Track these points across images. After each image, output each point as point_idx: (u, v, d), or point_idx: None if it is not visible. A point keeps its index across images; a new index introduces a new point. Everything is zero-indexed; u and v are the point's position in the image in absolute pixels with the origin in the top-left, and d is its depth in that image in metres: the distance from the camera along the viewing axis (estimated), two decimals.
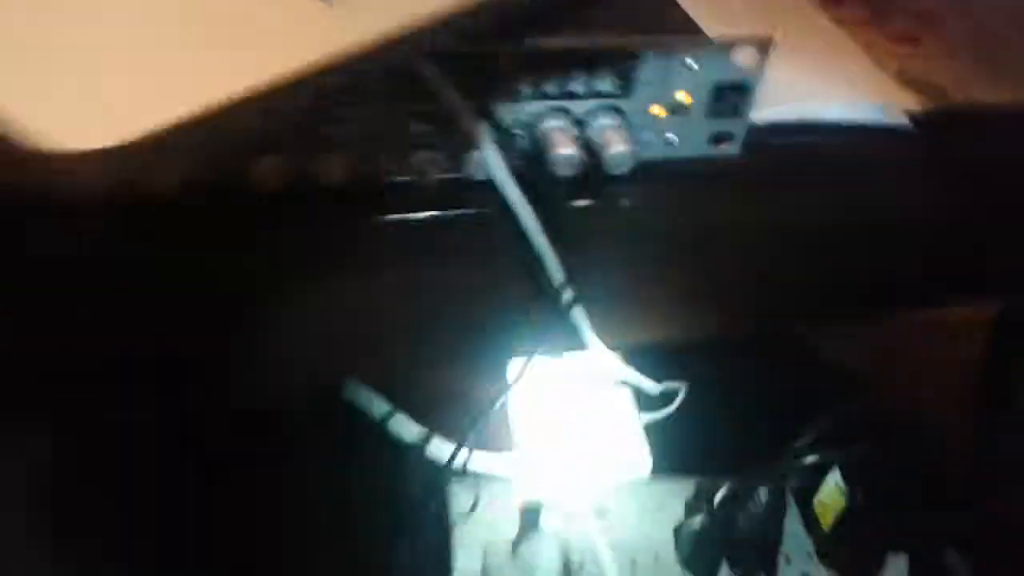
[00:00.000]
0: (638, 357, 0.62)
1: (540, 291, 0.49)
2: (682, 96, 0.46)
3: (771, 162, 0.50)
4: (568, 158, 0.43)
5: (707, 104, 0.46)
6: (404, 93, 0.41)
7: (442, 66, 0.40)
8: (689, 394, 0.69)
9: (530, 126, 0.44)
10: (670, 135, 0.47)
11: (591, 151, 0.44)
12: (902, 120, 0.53)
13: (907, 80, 0.56)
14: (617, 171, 0.44)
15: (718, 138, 0.48)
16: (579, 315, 0.49)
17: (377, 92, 0.41)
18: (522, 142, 0.44)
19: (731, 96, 0.46)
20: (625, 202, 0.46)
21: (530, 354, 0.51)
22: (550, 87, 0.43)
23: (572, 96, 0.44)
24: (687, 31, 0.45)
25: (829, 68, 0.55)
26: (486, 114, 0.42)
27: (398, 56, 0.37)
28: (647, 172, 0.46)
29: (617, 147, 0.43)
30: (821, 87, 0.53)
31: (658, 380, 0.66)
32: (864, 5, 0.64)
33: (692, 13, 0.47)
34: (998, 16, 0.66)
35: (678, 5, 0.48)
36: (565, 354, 0.55)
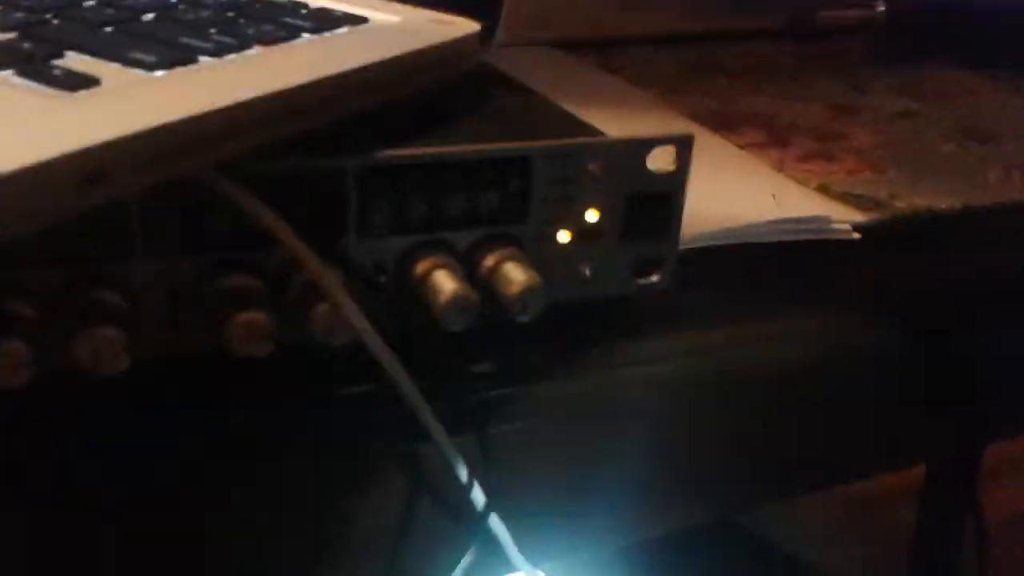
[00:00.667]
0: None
1: (439, 499, 0.35)
2: (591, 215, 0.35)
3: (709, 295, 0.39)
4: (459, 304, 0.30)
5: (623, 223, 0.35)
6: (206, 231, 0.28)
7: (260, 190, 0.28)
8: None
9: (398, 267, 0.32)
10: (583, 268, 0.35)
11: (486, 294, 0.32)
12: (849, 234, 0.44)
13: (834, 196, 0.48)
14: (526, 317, 0.32)
15: (642, 268, 0.36)
16: (496, 526, 0.35)
17: (160, 230, 0.28)
18: (388, 290, 0.31)
19: (651, 210, 0.36)
20: (536, 360, 0.34)
21: None
22: (418, 213, 0.31)
23: (449, 224, 0.32)
24: (585, 133, 0.35)
25: (750, 188, 0.46)
26: (331, 255, 0.30)
27: (174, 169, 0.24)
28: (559, 318, 0.35)
29: (523, 284, 0.31)
30: (748, 208, 0.44)
31: None
32: (760, 130, 0.57)
33: None
34: (900, 127, 0.59)
35: (564, 109, 0.38)
36: None
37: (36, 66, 0.26)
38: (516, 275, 0.32)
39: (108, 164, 0.22)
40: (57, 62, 0.27)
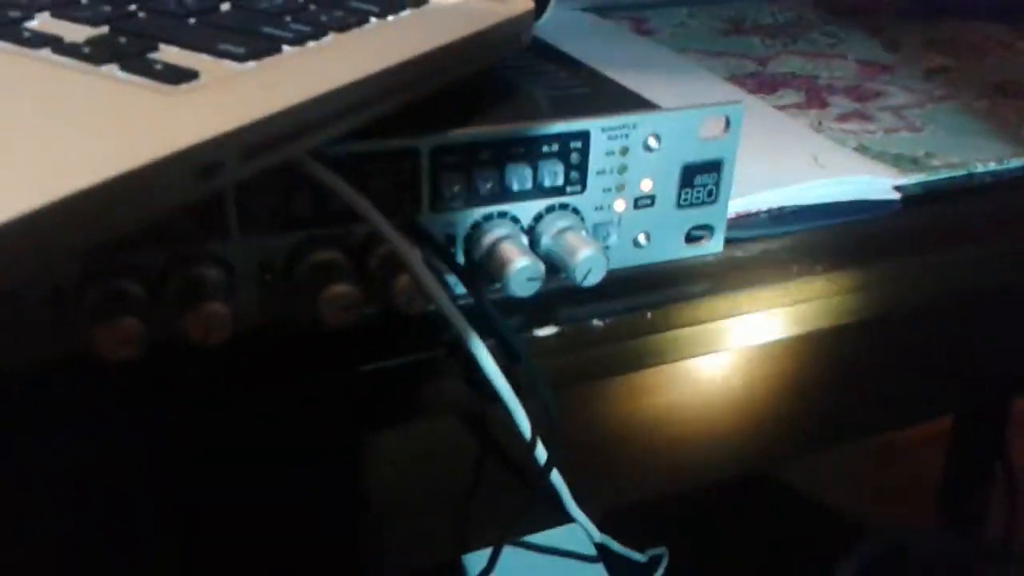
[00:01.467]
0: (612, 522, 0.51)
1: (504, 456, 0.37)
2: (647, 185, 0.36)
3: (758, 257, 0.40)
4: (526, 274, 0.32)
5: (676, 192, 0.37)
6: (295, 210, 0.31)
7: (341, 170, 0.30)
8: (674, 559, 0.58)
9: (468, 239, 0.34)
10: (639, 235, 0.37)
11: (550, 262, 0.34)
12: (891, 194, 0.45)
13: (873, 156, 0.49)
14: (588, 283, 0.34)
15: (695, 233, 0.38)
16: (557, 481, 0.37)
17: (255, 211, 0.30)
18: (458, 260, 0.33)
19: (703, 179, 0.37)
20: (598, 323, 0.36)
21: (496, 541, 0.39)
22: (486, 187, 0.33)
23: (514, 196, 0.34)
24: (639, 106, 0.37)
25: (792, 151, 0.48)
26: (408, 229, 0.32)
27: (278, 155, 0.26)
28: (617, 283, 0.37)
29: (584, 252, 0.33)
30: (789, 171, 0.45)
31: (639, 547, 0.54)
32: (797, 91, 0.58)
33: None
34: (935, 84, 0.60)
35: (615, 82, 0.40)
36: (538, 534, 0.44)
37: (137, 60, 0.28)
38: (577, 244, 0.34)
39: (221, 156, 0.24)
40: (154, 55, 0.29)
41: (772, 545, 0.71)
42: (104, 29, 0.31)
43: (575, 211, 0.35)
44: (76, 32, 0.29)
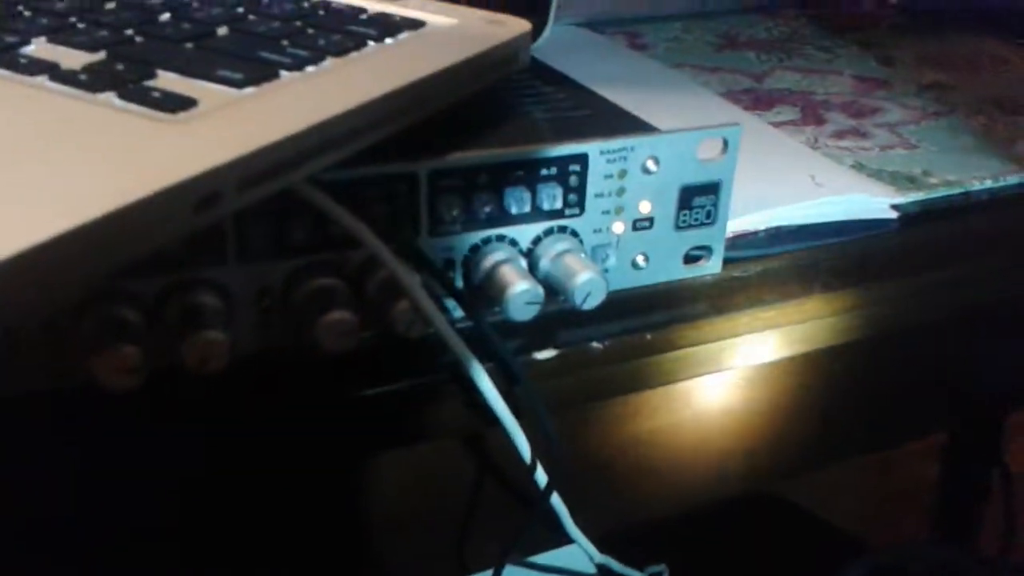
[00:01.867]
0: (612, 542, 0.51)
1: (505, 478, 0.37)
2: (645, 207, 0.36)
3: (756, 277, 0.40)
4: (525, 298, 0.32)
5: (674, 213, 0.37)
6: (293, 236, 0.30)
7: (339, 195, 0.30)
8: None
9: (466, 262, 0.34)
10: (637, 257, 0.37)
11: (549, 285, 0.34)
12: (888, 213, 0.45)
13: (869, 174, 0.49)
14: (587, 306, 0.34)
15: (693, 254, 0.38)
16: (557, 503, 0.37)
17: (253, 238, 0.30)
18: (457, 284, 0.33)
19: (701, 200, 0.37)
20: (597, 346, 0.35)
21: (497, 563, 0.39)
22: (484, 211, 0.33)
23: (512, 220, 0.34)
24: (637, 129, 0.37)
25: (788, 170, 0.48)
26: (406, 254, 0.32)
27: (277, 184, 0.26)
28: (616, 306, 0.37)
29: (584, 276, 0.33)
30: (786, 190, 0.45)
31: (639, 565, 0.54)
32: (793, 107, 0.58)
33: None
34: (931, 99, 0.60)
35: (613, 103, 0.40)
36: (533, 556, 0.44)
37: (134, 88, 0.28)
38: (576, 267, 0.34)
39: (220, 186, 0.23)
40: (151, 83, 0.28)
41: (772, 561, 0.71)
42: (102, 55, 0.30)
43: (574, 234, 0.35)
44: (73, 58, 0.29)
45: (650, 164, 0.35)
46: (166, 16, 0.35)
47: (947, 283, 0.45)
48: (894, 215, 0.45)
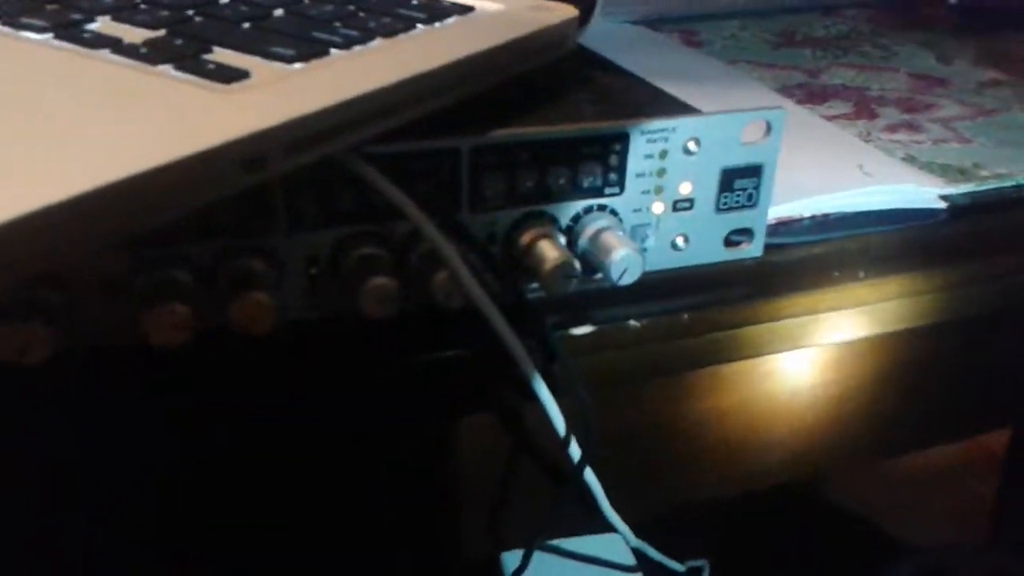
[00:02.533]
0: (650, 531, 0.51)
1: (539, 455, 0.38)
2: (685, 188, 0.37)
3: (799, 263, 0.41)
4: (561, 271, 0.33)
5: (715, 195, 0.37)
6: (340, 207, 0.32)
7: (385, 169, 0.31)
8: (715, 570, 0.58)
9: (506, 237, 0.34)
10: (677, 238, 0.37)
11: (587, 262, 0.35)
12: (937, 203, 0.45)
13: (920, 166, 0.49)
14: (623, 282, 0.34)
15: (734, 237, 0.39)
16: (592, 483, 0.38)
17: (303, 207, 0.31)
18: (496, 258, 0.34)
19: (743, 183, 0.38)
20: (634, 324, 0.36)
21: (529, 544, 0.40)
22: (525, 187, 0.34)
23: (553, 197, 0.35)
24: (679, 110, 0.37)
25: (836, 159, 0.48)
26: (448, 227, 0.33)
27: (321, 150, 0.27)
28: (654, 285, 0.37)
29: (620, 252, 0.34)
30: (834, 179, 0.45)
31: (679, 557, 0.54)
32: (847, 102, 0.58)
33: None
34: (986, 97, 0.60)
35: (657, 88, 0.40)
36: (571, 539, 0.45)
37: (191, 61, 0.29)
38: (613, 243, 0.35)
39: (266, 149, 0.25)
40: (207, 56, 0.30)
41: (815, 561, 0.70)
42: (161, 32, 0.32)
43: (613, 212, 0.36)
44: (135, 35, 0.31)
45: (691, 145, 0.36)
46: (226, 0, 0.36)
47: (996, 274, 0.44)
48: (943, 205, 0.45)
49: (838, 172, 0.46)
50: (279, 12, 0.35)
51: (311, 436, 0.34)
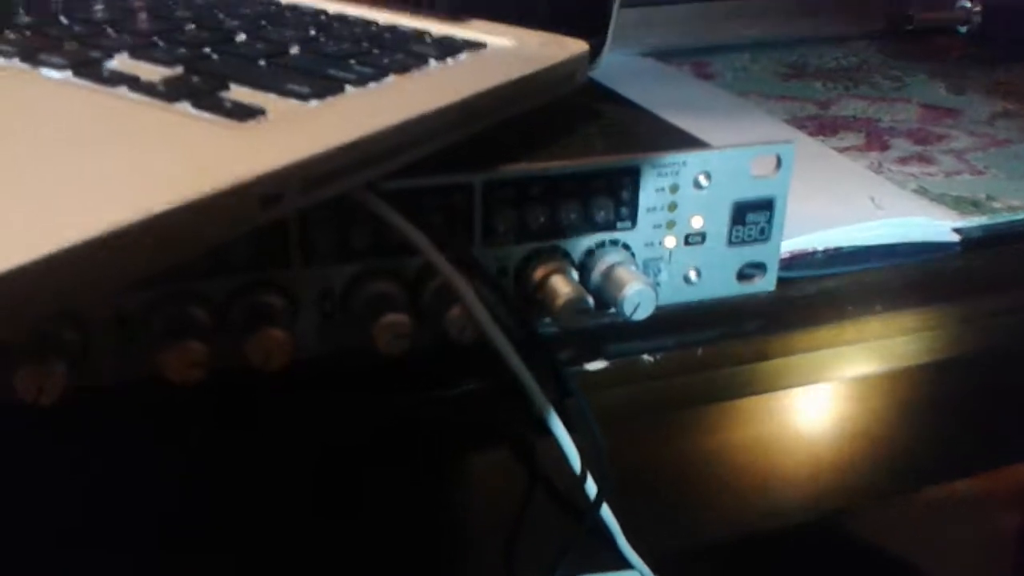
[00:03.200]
0: (669, 569, 0.51)
1: (555, 491, 0.38)
2: (697, 222, 0.37)
3: (812, 296, 0.41)
4: (574, 306, 0.33)
5: (727, 229, 0.37)
6: (354, 242, 0.32)
7: (397, 204, 0.31)
8: None
9: (519, 272, 0.35)
10: (689, 272, 0.38)
11: (599, 296, 0.35)
12: (950, 236, 0.45)
13: (932, 198, 0.49)
14: (637, 317, 0.34)
15: (747, 271, 0.39)
16: (608, 517, 0.38)
17: (317, 243, 0.31)
18: (509, 293, 0.34)
19: (754, 217, 0.38)
20: (648, 359, 0.36)
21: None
22: (537, 222, 0.34)
23: (565, 231, 0.35)
24: (690, 144, 0.37)
25: (849, 191, 0.48)
26: (461, 262, 0.33)
27: (337, 187, 0.27)
28: (667, 319, 0.37)
29: (633, 287, 0.34)
30: (846, 212, 0.45)
31: None
32: (858, 134, 0.58)
33: None
34: (998, 128, 0.60)
35: (668, 122, 0.41)
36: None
37: (207, 98, 0.29)
38: (626, 278, 0.35)
39: (282, 187, 0.25)
40: (224, 94, 0.30)
41: None
42: (179, 69, 0.32)
43: (625, 247, 0.36)
44: (153, 72, 0.31)
45: (702, 179, 0.36)
46: (242, 37, 0.37)
47: (1011, 308, 0.44)
48: (956, 238, 0.45)
49: (850, 205, 0.46)
50: (295, 50, 0.35)
51: (323, 473, 0.34)
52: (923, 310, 0.42)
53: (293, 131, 0.27)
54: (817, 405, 0.43)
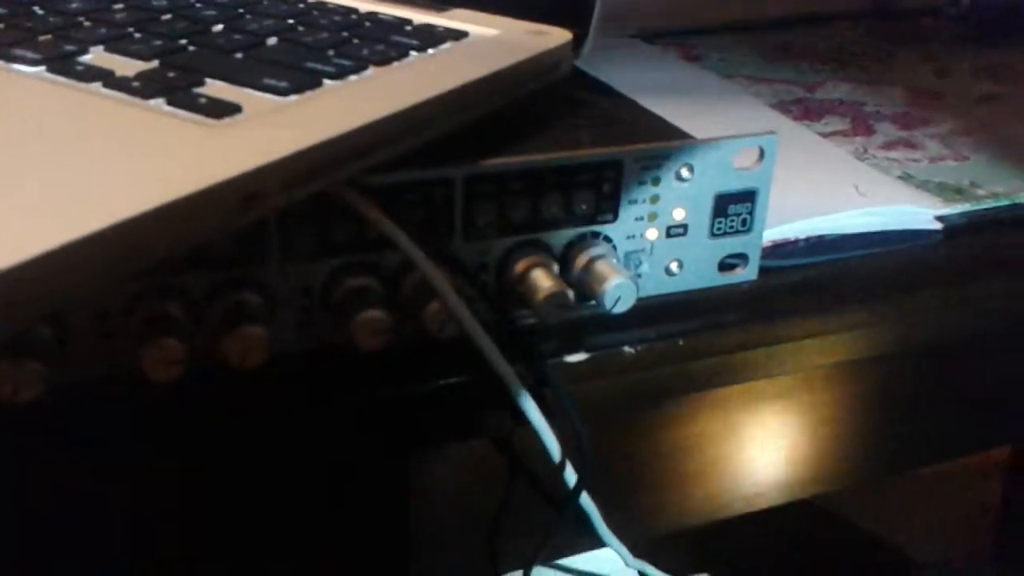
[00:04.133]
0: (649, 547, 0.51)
1: (536, 478, 0.38)
2: (679, 214, 0.37)
3: (794, 286, 0.41)
4: (555, 300, 0.33)
5: (709, 221, 0.37)
6: (333, 238, 0.32)
7: (377, 199, 0.31)
8: None
9: (500, 266, 0.34)
10: (671, 264, 0.37)
11: (580, 290, 0.35)
12: (932, 224, 0.45)
13: (917, 185, 0.49)
14: (617, 310, 0.34)
15: (729, 262, 0.39)
16: (587, 504, 0.38)
17: (296, 239, 0.31)
18: (490, 287, 0.34)
19: (736, 208, 0.38)
20: (629, 350, 0.36)
21: (527, 565, 0.40)
22: (518, 216, 0.34)
23: (546, 225, 0.35)
24: (672, 136, 0.37)
25: (833, 179, 0.48)
26: (440, 256, 0.33)
27: (316, 185, 0.27)
28: (649, 311, 0.37)
29: (614, 281, 0.34)
30: (829, 200, 0.45)
31: (680, 573, 0.54)
32: (842, 118, 0.58)
33: None
34: (984, 111, 0.60)
35: (651, 112, 0.40)
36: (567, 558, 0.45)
37: (183, 94, 0.29)
38: (607, 271, 0.35)
39: (260, 187, 0.25)
40: (199, 90, 0.30)
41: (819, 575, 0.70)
42: (155, 64, 0.32)
43: (607, 239, 0.36)
44: (128, 67, 0.31)
45: (684, 171, 0.36)
46: (219, 27, 0.36)
47: (992, 295, 0.44)
48: (938, 226, 0.45)
49: (833, 193, 0.46)
50: (272, 40, 0.35)
51: (305, 467, 0.34)
52: (904, 298, 0.42)
53: (270, 128, 0.27)
54: (798, 392, 0.43)
